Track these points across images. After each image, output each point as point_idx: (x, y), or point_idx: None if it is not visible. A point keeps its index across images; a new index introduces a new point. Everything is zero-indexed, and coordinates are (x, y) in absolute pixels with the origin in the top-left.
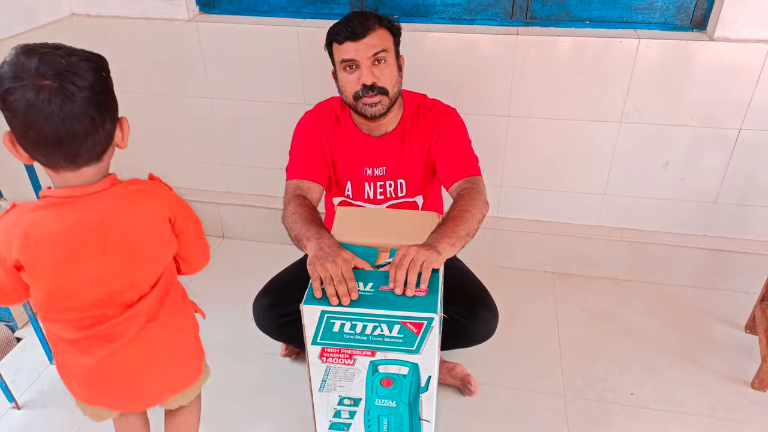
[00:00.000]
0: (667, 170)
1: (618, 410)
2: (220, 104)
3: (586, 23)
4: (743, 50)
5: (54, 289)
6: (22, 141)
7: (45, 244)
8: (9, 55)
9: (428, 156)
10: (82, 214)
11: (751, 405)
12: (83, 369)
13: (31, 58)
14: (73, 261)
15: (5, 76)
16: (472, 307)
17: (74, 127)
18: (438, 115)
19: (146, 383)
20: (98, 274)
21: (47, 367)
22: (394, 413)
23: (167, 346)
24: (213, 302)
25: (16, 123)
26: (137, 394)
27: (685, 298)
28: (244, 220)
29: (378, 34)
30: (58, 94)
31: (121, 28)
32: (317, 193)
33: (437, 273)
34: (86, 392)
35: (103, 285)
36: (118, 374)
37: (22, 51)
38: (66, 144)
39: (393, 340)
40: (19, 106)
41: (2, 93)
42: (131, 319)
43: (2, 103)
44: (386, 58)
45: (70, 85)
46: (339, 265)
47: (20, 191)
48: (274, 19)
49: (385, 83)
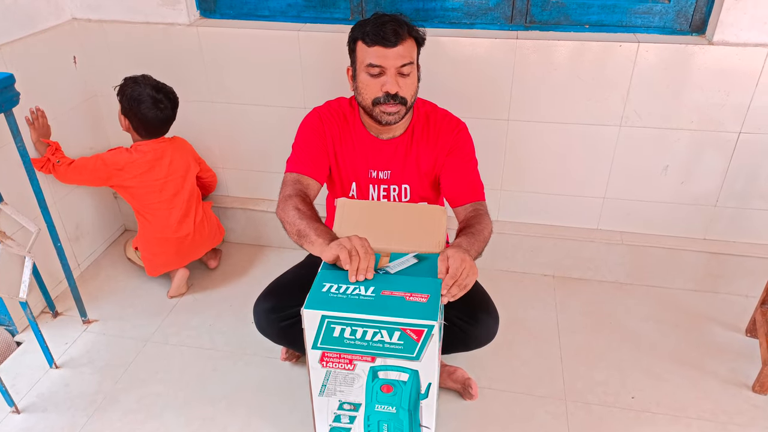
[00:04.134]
0: (667, 174)
1: (619, 414)
2: (221, 108)
3: (585, 27)
4: (742, 54)
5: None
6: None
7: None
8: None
9: (434, 165)
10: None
11: (753, 408)
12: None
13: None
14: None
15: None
16: (473, 312)
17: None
18: (451, 127)
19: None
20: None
21: (47, 372)
22: (393, 419)
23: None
24: (213, 306)
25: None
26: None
27: (686, 301)
28: (244, 225)
29: (408, 44)
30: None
31: (122, 33)
32: (315, 190)
33: (438, 279)
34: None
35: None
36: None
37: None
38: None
39: (393, 347)
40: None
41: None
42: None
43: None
44: (411, 70)
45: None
46: (363, 240)
47: (19, 193)
48: (274, 23)
49: (406, 94)
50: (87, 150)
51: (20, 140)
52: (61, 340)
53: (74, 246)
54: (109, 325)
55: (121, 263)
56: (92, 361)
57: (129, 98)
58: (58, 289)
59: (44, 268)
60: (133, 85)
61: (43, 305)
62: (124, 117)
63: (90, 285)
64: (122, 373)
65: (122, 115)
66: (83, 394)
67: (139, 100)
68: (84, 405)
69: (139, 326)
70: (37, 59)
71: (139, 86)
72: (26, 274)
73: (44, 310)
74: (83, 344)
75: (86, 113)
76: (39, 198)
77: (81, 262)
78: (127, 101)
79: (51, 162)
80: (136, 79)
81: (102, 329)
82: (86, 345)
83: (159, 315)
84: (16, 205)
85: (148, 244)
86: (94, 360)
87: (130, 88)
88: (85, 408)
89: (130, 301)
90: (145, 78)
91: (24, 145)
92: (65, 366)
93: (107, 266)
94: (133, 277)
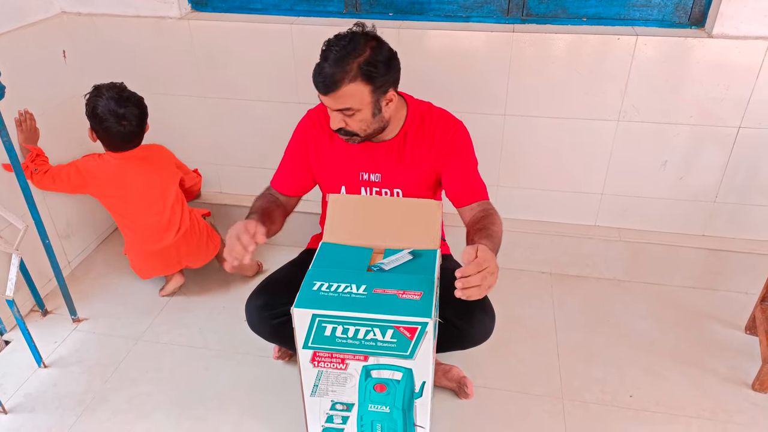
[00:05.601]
0: (666, 169)
1: (617, 413)
2: (213, 103)
3: (583, 20)
4: (742, 47)
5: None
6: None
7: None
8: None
9: (433, 167)
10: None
11: (752, 407)
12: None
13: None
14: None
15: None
16: (468, 309)
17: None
18: (448, 127)
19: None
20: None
21: (35, 371)
22: (387, 419)
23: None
24: (205, 304)
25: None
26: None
27: (684, 298)
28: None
29: (348, 89)
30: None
31: (112, 27)
32: (291, 205)
33: (432, 276)
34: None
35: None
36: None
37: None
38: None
39: (386, 345)
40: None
41: None
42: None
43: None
44: (354, 113)
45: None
46: (238, 226)
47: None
48: (267, 17)
49: (354, 128)
50: (76, 145)
51: (6, 134)
52: (50, 338)
53: (64, 243)
54: (99, 323)
55: (113, 261)
56: (81, 361)
57: (91, 114)
58: (47, 288)
59: (33, 266)
60: (96, 99)
61: (32, 303)
62: (90, 130)
63: (80, 283)
64: (112, 372)
65: (89, 128)
66: (72, 393)
67: (101, 118)
68: (73, 405)
69: (130, 325)
70: (25, 53)
71: (102, 100)
72: (13, 272)
73: (33, 309)
74: (72, 343)
75: (75, 108)
76: (26, 194)
77: (71, 259)
78: (90, 115)
79: (29, 170)
80: (100, 92)
81: (92, 328)
82: (75, 344)
83: (150, 313)
84: (4, 201)
85: (133, 253)
86: (83, 359)
87: (93, 102)
88: (73, 408)
89: (121, 299)
90: (110, 89)
91: (10, 140)
92: (54, 365)
93: (98, 264)
94: (124, 275)
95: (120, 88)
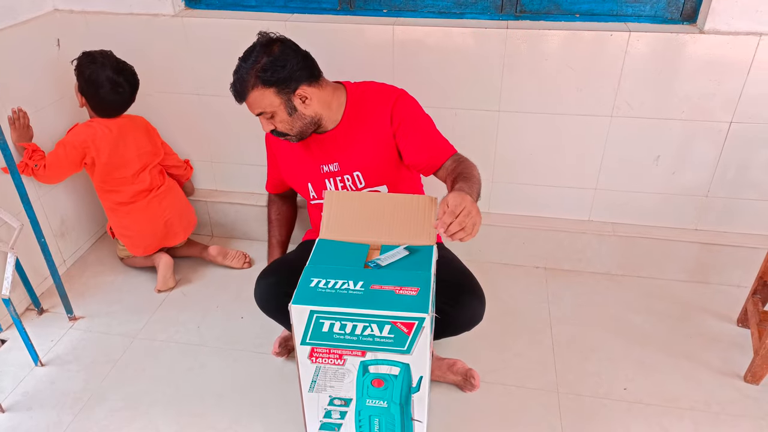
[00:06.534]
0: (658, 164)
1: (611, 405)
2: (208, 100)
3: (576, 17)
4: (733, 43)
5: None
6: None
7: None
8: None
9: (386, 141)
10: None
11: (744, 398)
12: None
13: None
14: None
15: None
16: (457, 294)
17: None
18: (385, 97)
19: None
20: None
21: (32, 370)
22: (385, 413)
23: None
24: (202, 301)
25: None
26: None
27: (677, 292)
28: (233, 219)
29: (254, 96)
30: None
31: (106, 24)
32: (293, 197)
33: (429, 271)
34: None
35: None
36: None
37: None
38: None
39: (383, 341)
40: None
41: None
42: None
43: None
44: (269, 114)
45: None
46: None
47: (1, 188)
48: (261, 14)
49: (282, 128)
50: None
51: (0, 134)
52: (47, 337)
53: (60, 242)
54: (95, 321)
55: (108, 259)
56: (78, 359)
57: (87, 80)
58: (43, 286)
59: (29, 265)
60: (92, 66)
61: (28, 302)
62: (80, 95)
63: (76, 281)
64: (109, 370)
65: (79, 93)
66: (69, 392)
67: (98, 84)
68: (70, 403)
69: (126, 322)
70: (17, 51)
71: (97, 67)
72: (8, 271)
73: (29, 307)
74: (69, 341)
75: (67, 106)
76: (21, 193)
77: (67, 258)
78: (84, 82)
79: (29, 167)
80: (94, 58)
81: (88, 326)
82: (72, 342)
83: (147, 311)
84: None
85: (118, 218)
86: (80, 357)
87: (88, 69)
88: (71, 406)
89: (118, 297)
90: (104, 56)
91: (4, 137)
92: (51, 364)
93: (94, 262)
94: (120, 273)
95: (113, 56)
